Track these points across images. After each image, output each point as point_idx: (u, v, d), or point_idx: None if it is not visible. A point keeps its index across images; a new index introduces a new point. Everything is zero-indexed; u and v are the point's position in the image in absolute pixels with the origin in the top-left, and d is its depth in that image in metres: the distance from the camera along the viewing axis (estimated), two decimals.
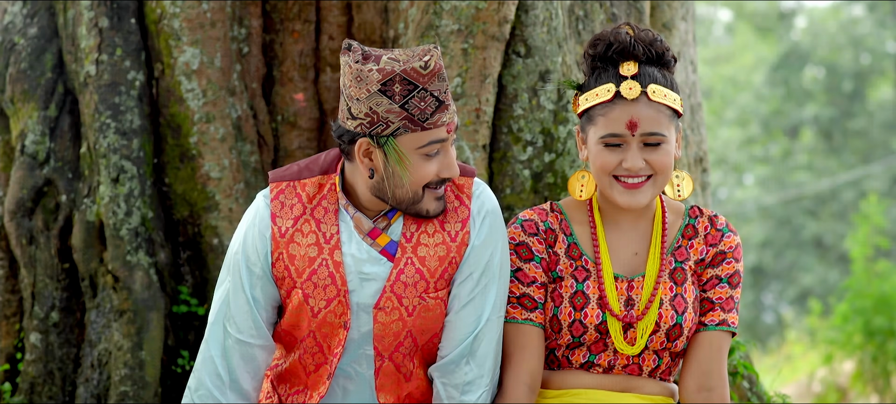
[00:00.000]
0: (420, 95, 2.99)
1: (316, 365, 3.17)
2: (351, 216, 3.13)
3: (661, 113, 3.11)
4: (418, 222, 3.14)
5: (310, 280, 3.11)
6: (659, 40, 3.16)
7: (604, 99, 3.12)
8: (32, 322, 4.58)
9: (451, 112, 3.04)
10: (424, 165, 3.04)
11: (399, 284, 3.11)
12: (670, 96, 3.13)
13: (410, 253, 3.12)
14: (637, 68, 3.13)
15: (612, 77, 3.14)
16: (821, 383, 10.76)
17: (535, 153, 4.51)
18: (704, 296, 3.20)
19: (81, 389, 4.51)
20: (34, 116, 4.69)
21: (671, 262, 3.20)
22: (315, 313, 3.12)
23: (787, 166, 23.94)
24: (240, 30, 4.74)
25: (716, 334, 3.18)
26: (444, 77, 3.02)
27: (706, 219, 3.25)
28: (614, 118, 3.11)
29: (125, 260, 4.50)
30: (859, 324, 10.40)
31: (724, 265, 3.21)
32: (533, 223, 3.21)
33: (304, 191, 3.16)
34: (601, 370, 3.19)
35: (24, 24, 4.81)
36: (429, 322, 3.15)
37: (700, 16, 26.26)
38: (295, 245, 3.13)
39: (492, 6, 4.41)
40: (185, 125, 4.62)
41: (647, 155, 3.11)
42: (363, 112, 3.01)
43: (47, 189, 4.67)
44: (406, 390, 3.19)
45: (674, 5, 5.25)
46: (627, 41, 3.14)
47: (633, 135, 3.10)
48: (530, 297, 3.18)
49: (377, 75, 2.98)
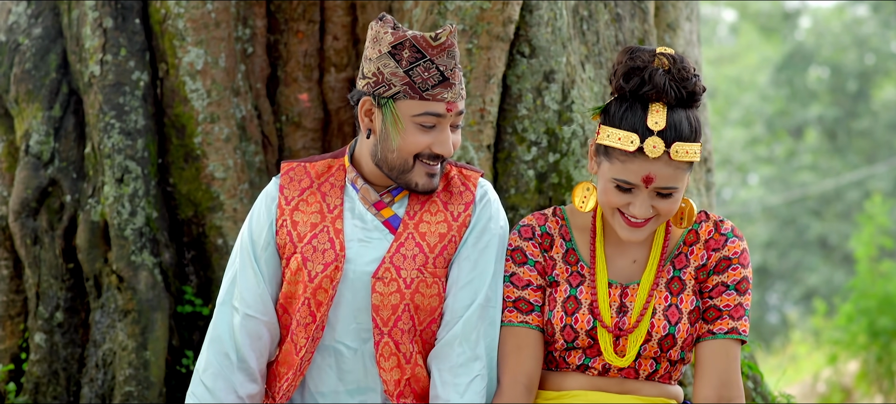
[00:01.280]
0: (425, 65, 3.09)
1: (306, 337, 3.19)
2: (358, 188, 3.21)
3: (679, 169, 3.08)
4: (422, 201, 3.21)
5: (310, 244, 3.19)
6: (692, 79, 3.08)
7: (625, 148, 3.07)
8: (37, 322, 4.58)
9: (454, 92, 3.11)
10: (416, 135, 3.11)
11: (398, 256, 3.17)
12: (692, 151, 3.08)
13: (412, 229, 3.19)
14: (665, 118, 3.05)
15: (639, 124, 3.06)
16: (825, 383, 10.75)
17: (539, 153, 4.50)
18: (711, 304, 3.18)
19: (86, 389, 4.51)
20: (38, 116, 4.69)
21: (669, 271, 3.19)
22: (312, 277, 3.17)
23: (791, 166, 23.92)
24: (244, 30, 4.74)
25: (726, 342, 3.15)
26: (453, 55, 3.11)
27: (711, 224, 3.22)
28: (632, 170, 3.07)
29: (129, 260, 4.50)
30: (864, 325, 10.39)
31: (730, 271, 3.18)
32: (529, 228, 3.23)
33: (314, 170, 3.27)
34: (596, 373, 3.19)
35: (28, 25, 4.81)
36: (426, 299, 3.19)
37: (704, 16, 26.25)
38: (299, 213, 3.22)
39: (496, 6, 4.40)
40: (189, 125, 4.62)
41: (656, 202, 3.10)
42: (372, 71, 3.13)
43: (52, 189, 4.67)
44: (406, 373, 3.19)
45: (678, 5, 5.25)
46: (661, 84, 3.05)
47: (646, 187, 3.09)
48: (526, 300, 3.19)
49: (390, 38, 3.10)
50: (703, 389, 3.13)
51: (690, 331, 3.16)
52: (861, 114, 23.59)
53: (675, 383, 3.26)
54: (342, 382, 3.22)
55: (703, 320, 3.19)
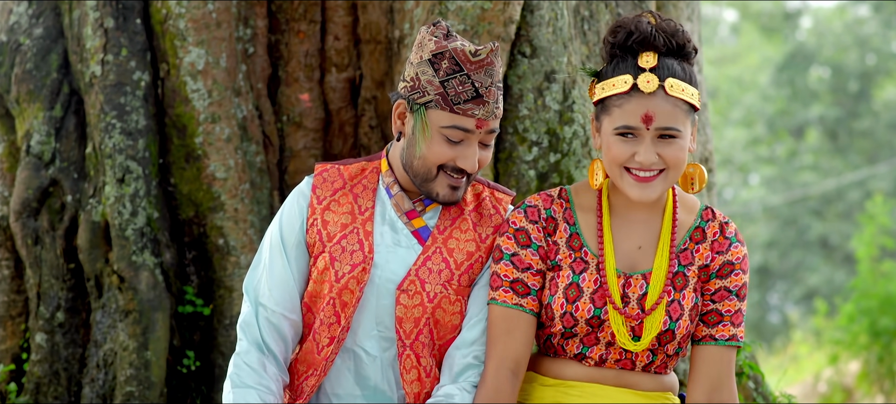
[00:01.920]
0: (461, 79, 3.08)
1: (330, 338, 3.19)
2: (393, 194, 3.22)
3: (677, 107, 3.07)
4: (453, 218, 3.22)
5: (338, 244, 3.19)
6: (681, 31, 3.11)
7: (620, 90, 3.07)
8: (38, 322, 4.58)
9: (486, 109, 3.10)
10: (442, 146, 3.11)
11: (424, 269, 3.17)
12: (688, 91, 3.08)
13: (440, 243, 3.20)
14: (656, 60, 3.07)
15: (631, 68, 3.09)
16: (826, 383, 10.75)
17: (540, 153, 4.50)
18: (713, 308, 3.17)
19: (87, 389, 4.51)
20: (39, 116, 4.69)
21: (674, 265, 3.18)
22: (338, 277, 3.17)
23: (792, 166, 23.92)
24: (245, 30, 4.74)
25: (725, 349, 3.16)
26: (491, 74, 3.10)
27: (717, 224, 3.20)
28: (630, 110, 3.07)
29: (131, 260, 4.50)
30: (865, 325, 10.39)
31: (733, 277, 3.18)
32: (535, 209, 3.19)
33: (347, 172, 3.27)
34: (593, 363, 3.17)
35: (29, 25, 4.82)
36: (448, 316, 3.18)
37: (705, 16, 26.24)
38: (330, 212, 3.22)
39: (497, 6, 4.40)
40: (190, 125, 4.62)
41: (660, 148, 3.08)
42: (411, 76, 3.14)
43: (53, 189, 4.67)
44: (426, 387, 3.20)
45: (679, 5, 5.25)
46: (648, 31, 3.08)
47: (647, 128, 3.06)
48: (524, 283, 3.15)
49: (432, 46, 3.11)
50: (699, 392, 3.14)
51: (690, 328, 3.16)
52: (862, 114, 23.59)
53: (671, 372, 3.26)
54: (359, 386, 3.21)
55: (702, 322, 3.18)
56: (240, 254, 4.58)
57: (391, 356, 3.20)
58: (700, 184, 3.18)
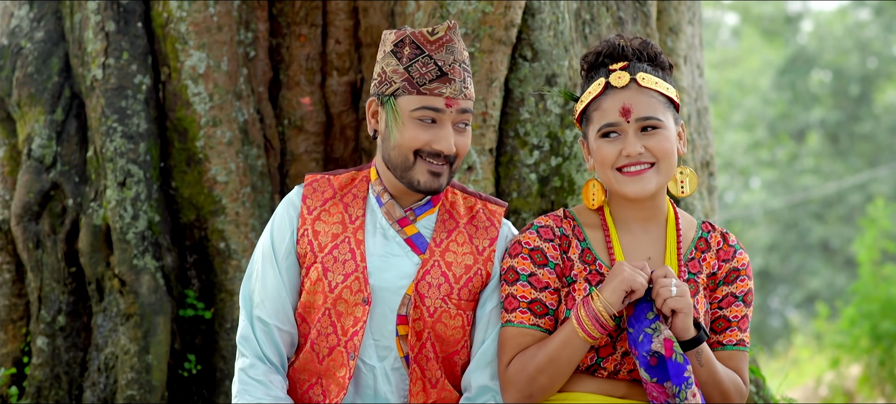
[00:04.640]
0: (423, 60, 3.13)
1: (329, 347, 3.19)
2: (383, 202, 3.22)
3: (653, 98, 3.14)
4: (449, 231, 3.22)
5: (330, 254, 3.19)
6: (650, 44, 3.21)
7: (595, 93, 3.17)
8: (39, 326, 4.58)
9: (453, 87, 3.13)
10: (415, 130, 3.13)
11: (423, 284, 3.18)
12: (662, 84, 3.16)
13: (438, 257, 3.20)
14: (627, 63, 3.18)
15: (603, 73, 3.19)
16: (828, 387, 10.74)
17: (541, 157, 4.50)
18: (721, 314, 3.21)
19: (88, 393, 4.51)
20: (41, 120, 4.69)
21: (684, 274, 3.20)
22: (332, 288, 3.17)
23: (793, 170, 23.91)
24: (246, 34, 4.74)
25: (734, 353, 3.21)
26: (452, 51, 3.14)
27: (718, 234, 3.26)
28: (607, 108, 3.15)
29: (132, 263, 4.50)
30: (866, 328, 10.38)
31: (739, 283, 3.22)
32: (549, 229, 3.21)
33: (337, 181, 3.29)
34: (606, 374, 3.18)
35: (30, 28, 4.82)
36: (449, 330, 3.19)
37: (706, 19, 26.25)
38: (320, 222, 3.23)
39: (498, 10, 4.40)
40: (191, 129, 4.62)
41: (645, 141, 3.14)
42: (377, 72, 3.19)
43: (54, 193, 4.67)
44: (432, 396, 3.21)
45: (680, 9, 5.25)
46: (617, 44, 3.20)
47: (628, 121, 3.13)
48: (542, 303, 3.17)
49: (392, 37, 3.17)
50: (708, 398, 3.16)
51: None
52: (863, 117, 23.59)
53: None
54: (358, 395, 3.22)
55: (711, 329, 3.21)
56: (241, 257, 4.58)
57: (389, 365, 3.20)
58: (690, 187, 3.21)
